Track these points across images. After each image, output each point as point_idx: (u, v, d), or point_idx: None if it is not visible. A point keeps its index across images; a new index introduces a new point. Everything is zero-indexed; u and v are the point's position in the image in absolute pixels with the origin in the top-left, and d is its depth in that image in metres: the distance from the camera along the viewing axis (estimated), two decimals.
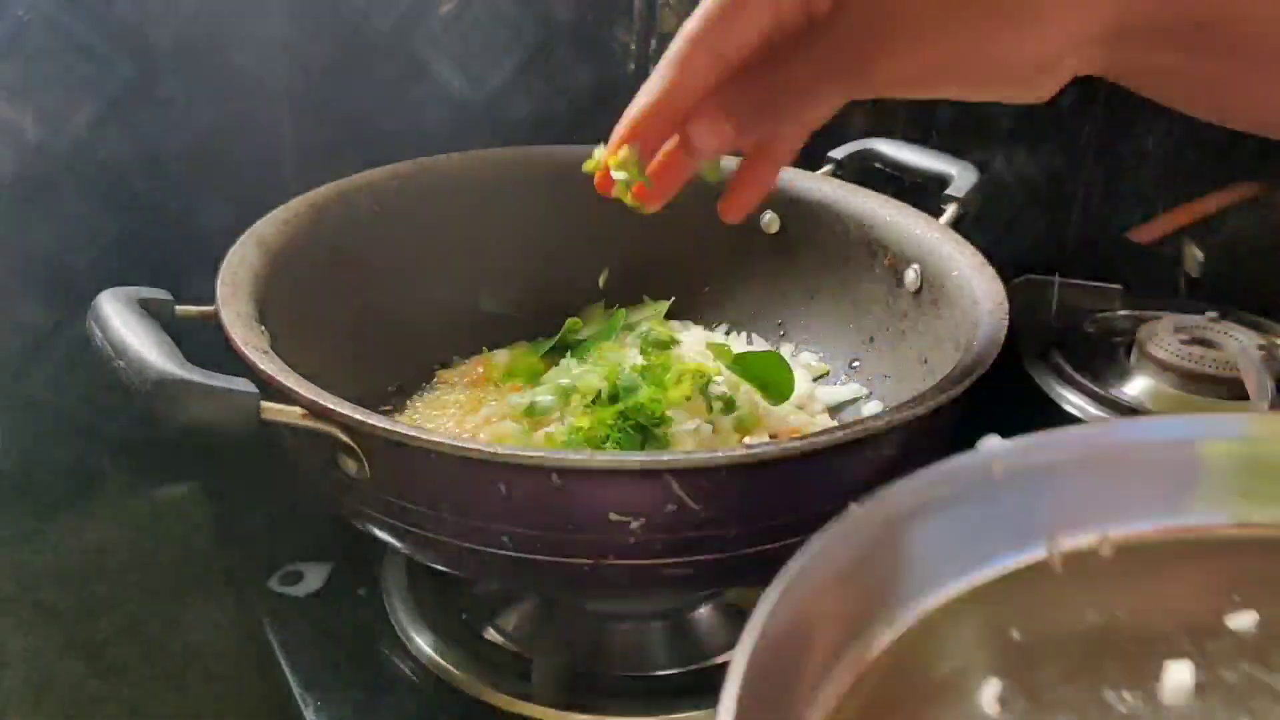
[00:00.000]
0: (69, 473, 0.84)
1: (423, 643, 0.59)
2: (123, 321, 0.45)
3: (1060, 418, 0.84)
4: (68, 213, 0.76)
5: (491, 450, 0.43)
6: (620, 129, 0.45)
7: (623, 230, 0.77)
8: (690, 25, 0.43)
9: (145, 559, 0.81)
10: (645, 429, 0.57)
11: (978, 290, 0.58)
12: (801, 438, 0.44)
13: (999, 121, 1.12)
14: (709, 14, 0.42)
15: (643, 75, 0.92)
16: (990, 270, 0.59)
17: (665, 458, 0.42)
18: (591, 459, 0.43)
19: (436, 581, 0.63)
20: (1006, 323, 0.54)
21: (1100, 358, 0.83)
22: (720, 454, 0.43)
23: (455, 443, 0.43)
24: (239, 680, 0.70)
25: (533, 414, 0.61)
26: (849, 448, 0.45)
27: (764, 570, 0.49)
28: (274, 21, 0.78)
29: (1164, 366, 0.78)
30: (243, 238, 0.59)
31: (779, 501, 0.45)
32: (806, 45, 0.41)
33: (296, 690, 0.57)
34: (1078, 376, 0.87)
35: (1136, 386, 0.86)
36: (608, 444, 0.56)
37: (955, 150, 0.71)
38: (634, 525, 0.44)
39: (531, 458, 0.43)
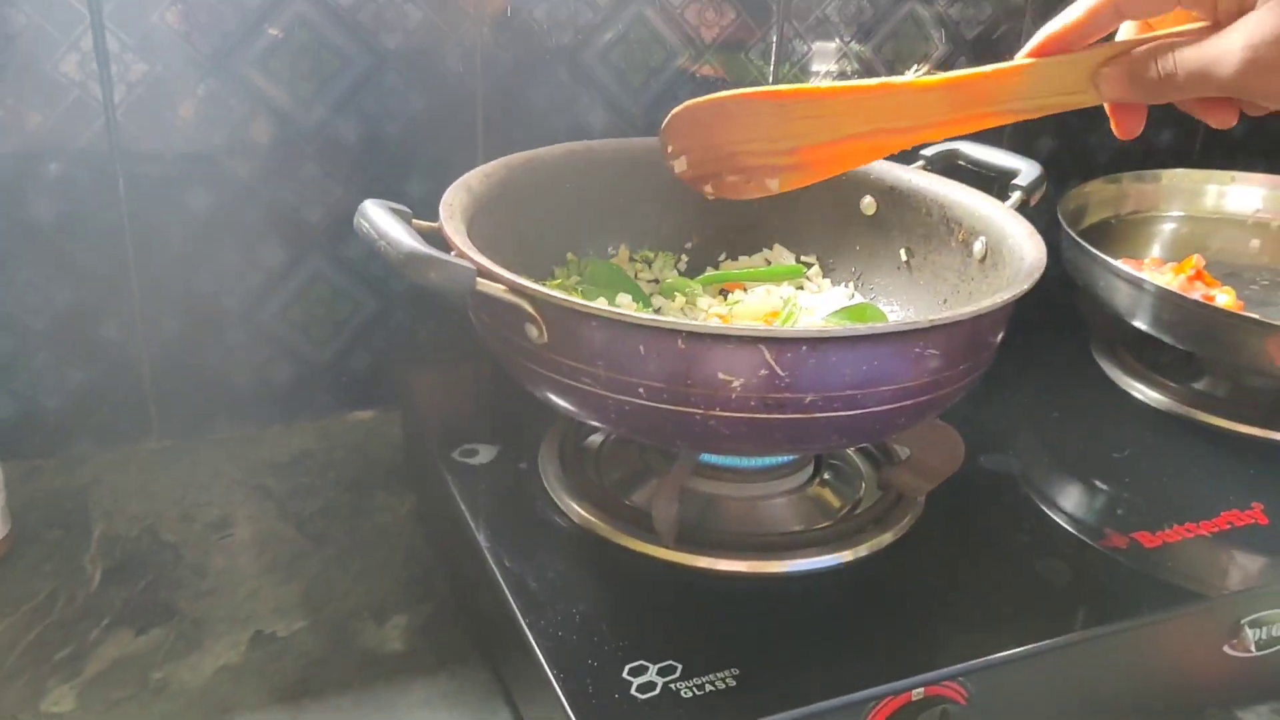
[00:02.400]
0: (284, 390, 1.03)
1: (571, 501, 0.76)
2: (381, 216, 0.64)
3: (1129, 404, 0.96)
4: (306, 176, 0.94)
5: (636, 317, 0.59)
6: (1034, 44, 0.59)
7: (747, 205, 0.93)
8: None
9: (340, 462, 1.00)
10: None
11: (1025, 251, 0.72)
12: (863, 325, 0.59)
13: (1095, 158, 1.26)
14: None
15: None
16: (1039, 238, 0.73)
17: (760, 329, 0.58)
18: (707, 326, 0.59)
19: (581, 465, 0.80)
20: (1042, 267, 0.68)
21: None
22: (800, 330, 0.59)
23: (610, 310, 0.59)
24: (410, 556, 0.88)
25: None
26: (898, 337, 0.60)
27: (835, 437, 0.65)
28: (475, 32, 0.96)
29: None
30: (457, 182, 0.76)
31: (845, 375, 0.60)
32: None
33: (469, 522, 0.74)
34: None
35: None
36: None
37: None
38: (735, 384, 0.60)
39: (663, 323, 0.59)
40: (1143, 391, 0.97)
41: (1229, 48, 0.51)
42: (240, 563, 0.87)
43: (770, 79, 1.09)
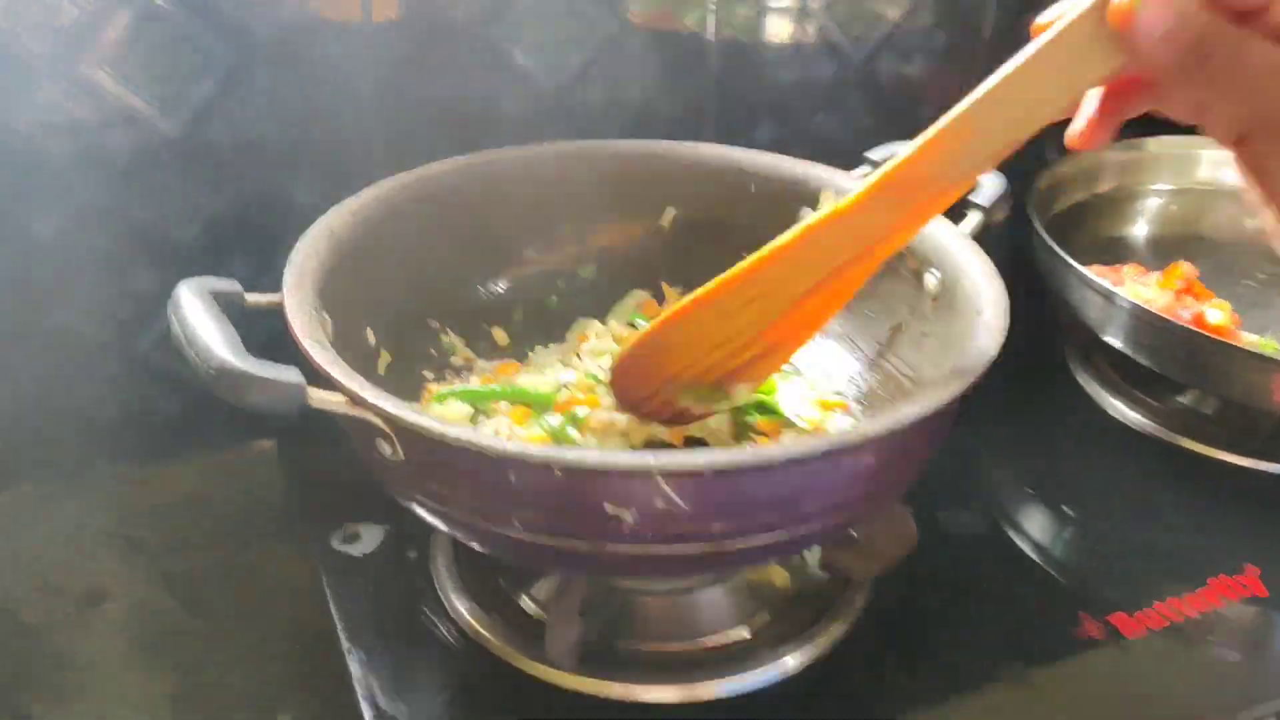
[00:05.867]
0: (170, 425, 0.92)
1: (461, 606, 0.65)
2: (195, 312, 0.52)
3: (1105, 423, 0.86)
4: (175, 190, 0.84)
5: (501, 446, 0.48)
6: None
7: (675, 230, 0.82)
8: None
9: (233, 507, 0.89)
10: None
11: (984, 299, 0.60)
12: (779, 446, 0.48)
13: None
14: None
15: (714, 65, 0.96)
16: (999, 282, 0.61)
17: (652, 459, 0.47)
18: (586, 457, 0.48)
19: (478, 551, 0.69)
20: (1003, 334, 0.56)
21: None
22: (702, 457, 0.48)
23: (471, 436, 0.48)
24: (301, 625, 0.77)
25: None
26: (825, 456, 0.49)
27: (751, 561, 0.54)
28: (360, 14, 0.84)
29: None
30: (311, 229, 0.64)
31: (759, 502, 0.50)
32: None
33: (343, 641, 0.63)
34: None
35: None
36: None
37: None
38: (627, 517, 0.49)
39: (536, 454, 0.48)
40: (1121, 412, 0.86)
41: None
42: (106, 647, 0.77)
43: (712, 42, 0.96)
